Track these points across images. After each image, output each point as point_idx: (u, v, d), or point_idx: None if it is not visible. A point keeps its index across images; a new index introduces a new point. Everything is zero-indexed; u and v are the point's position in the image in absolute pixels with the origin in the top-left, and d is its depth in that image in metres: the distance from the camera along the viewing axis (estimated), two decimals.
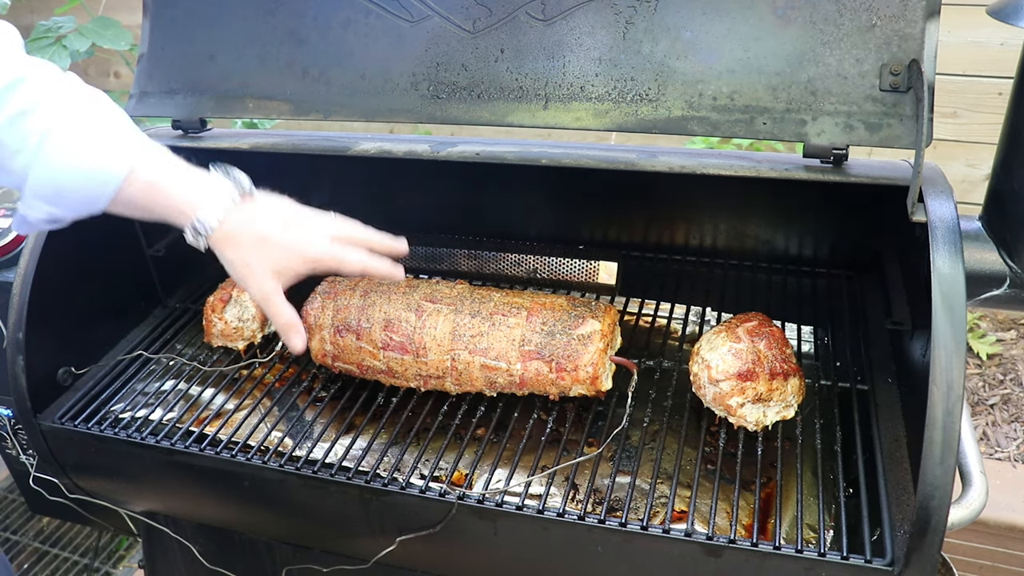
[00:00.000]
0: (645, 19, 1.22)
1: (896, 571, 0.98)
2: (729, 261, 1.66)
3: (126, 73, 3.31)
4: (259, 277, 1.07)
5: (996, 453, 2.28)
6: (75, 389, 1.45)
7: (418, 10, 1.32)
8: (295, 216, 1.12)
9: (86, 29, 2.43)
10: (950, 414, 0.92)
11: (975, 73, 2.43)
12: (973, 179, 2.58)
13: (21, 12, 3.18)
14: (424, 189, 1.76)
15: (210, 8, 1.43)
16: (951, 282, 0.97)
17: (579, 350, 1.26)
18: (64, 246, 1.38)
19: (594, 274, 1.64)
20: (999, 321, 2.73)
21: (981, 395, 2.47)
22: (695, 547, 1.06)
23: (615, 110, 1.24)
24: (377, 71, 1.35)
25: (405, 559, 1.25)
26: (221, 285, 1.56)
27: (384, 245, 1.17)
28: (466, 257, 1.72)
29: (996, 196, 1.21)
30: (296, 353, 1.14)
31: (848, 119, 1.15)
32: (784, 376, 1.21)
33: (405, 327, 1.34)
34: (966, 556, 2.10)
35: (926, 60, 1.11)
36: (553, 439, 1.31)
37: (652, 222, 1.73)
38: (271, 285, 1.08)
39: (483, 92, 1.30)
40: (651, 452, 1.29)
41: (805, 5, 1.15)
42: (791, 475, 1.22)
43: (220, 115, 1.46)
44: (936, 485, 0.92)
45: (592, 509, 1.17)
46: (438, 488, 1.17)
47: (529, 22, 1.27)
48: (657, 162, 1.24)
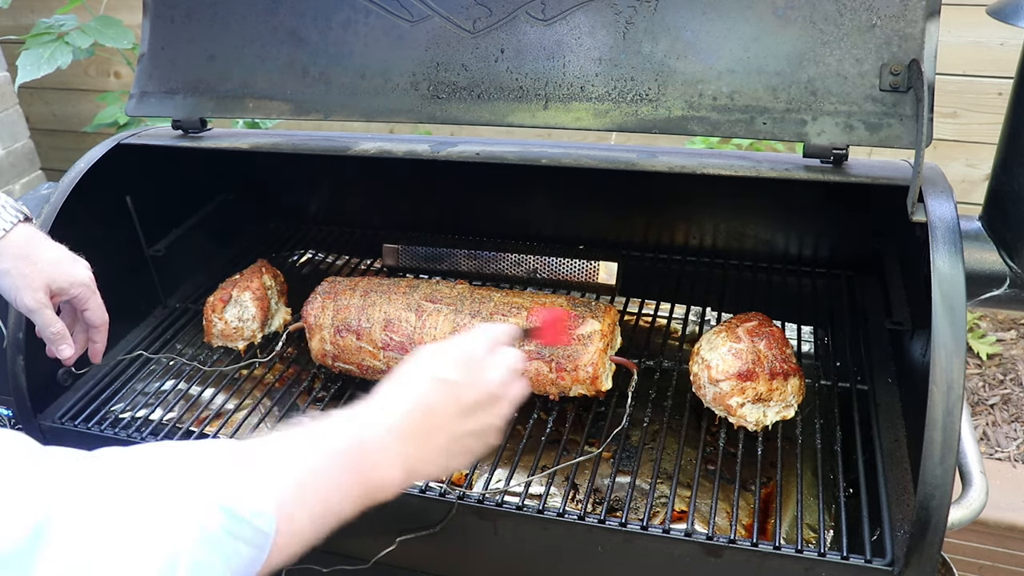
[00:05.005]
0: (645, 19, 1.22)
1: (896, 571, 0.98)
2: (729, 261, 1.66)
3: (126, 73, 3.31)
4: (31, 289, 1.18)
5: (996, 453, 2.27)
6: (75, 389, 1.45)
7: (418, 10, 1.32)
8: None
9: (88, 27, 2.43)
10: (950, 414, 0.92)
11: (975, 73, 2.43)
12: (973, 179, 2.58)
13: (21, 11, 3.18)
14: (424, 189, 1.76)
15: (210, 8, 1.43)
16: (951, 282, 0.97)
17: (579, 350, 1.26)
18: None
19: (594, 274, 1.64)
20: (999, 321, 2.73)
21: (981, 395, 2.47)
22: (695, 547, 1.06)
23: (615, 110, 1.24)
24: (377, 71, 1.35)
25: (405, 559, 1.25)
26: (221, 285, 1.56)
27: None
28: (466, 257, 1.71)
29: (996, 196, 1.21)
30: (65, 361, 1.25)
31: (848, 119, 1.15)
32: (784, 376, 1.21)
33: (405, 327, 1.34)
34: (966, 556, 2.10)
35: (926, 60, 1.11)
36: (553, 439, 1.31)
37: (652, 222, 1.73)
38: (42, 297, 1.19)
39: (483, 92, 1.30)
40: (651, 452, 1.29)
41: (805, 5, 1.15)
42: (791, 475, 1.22)
43: (220, 115, 1.46)
44: (936, 485, 0.92)
45: (592, 509, 1.17)
46: (438, 488, 1.17)
47: (529, 22, 1.27)
48: (657, 162, 1.24)
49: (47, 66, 2.34)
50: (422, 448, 0.87)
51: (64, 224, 1.37)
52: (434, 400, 0.89)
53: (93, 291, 1.25)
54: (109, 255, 1.54)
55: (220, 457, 0.74)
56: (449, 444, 0.89)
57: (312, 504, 0.77)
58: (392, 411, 0.86)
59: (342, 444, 0.82)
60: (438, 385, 0.89)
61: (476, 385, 0.91)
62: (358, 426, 0.84)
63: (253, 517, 0.70)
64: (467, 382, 0.91)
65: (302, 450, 0.79)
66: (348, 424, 0.84)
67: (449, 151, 1.33)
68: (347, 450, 0.81)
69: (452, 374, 0.90)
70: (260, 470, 0.74)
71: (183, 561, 0.63)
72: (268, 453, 0.77)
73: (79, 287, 1.22)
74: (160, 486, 0.68)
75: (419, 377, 0.90)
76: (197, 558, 0.64)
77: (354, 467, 0.81)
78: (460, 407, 0.90)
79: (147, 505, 0.65)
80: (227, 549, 0.67)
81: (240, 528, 0.68)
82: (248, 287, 1.53)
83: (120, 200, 1.54)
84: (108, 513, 0.63)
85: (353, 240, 1.93)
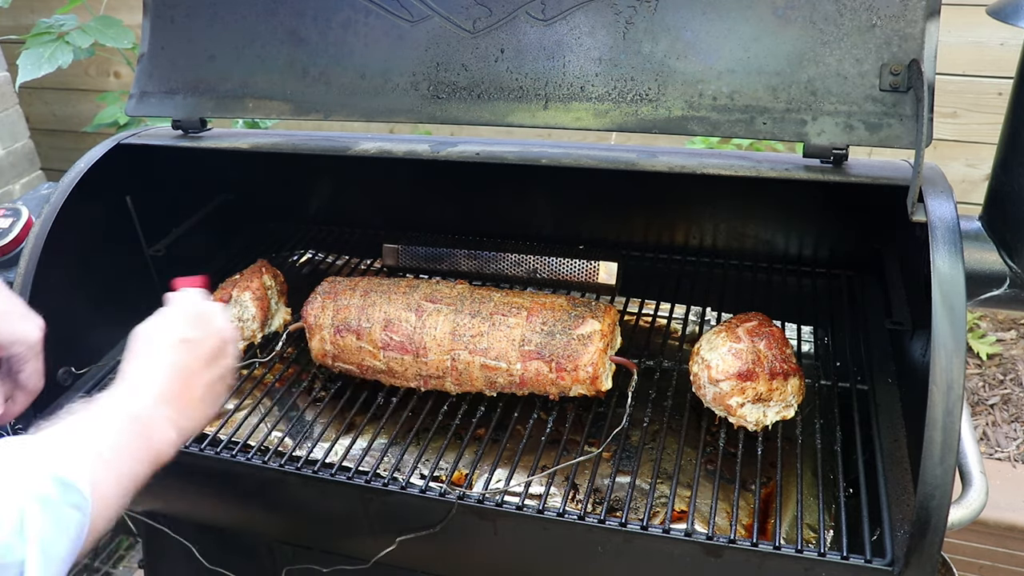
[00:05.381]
0: (645, 19, 1.22)
1: (896, 571, 0.98)
2: (729, 261, 1.66)
3: (126, 73, 3.31)
4: None
5: (996, 453, 2.28)
6: (75, 389, 1.45)
7: (418, 10, 1.32)
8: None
9: (88, 27, 2.43)
10: (950, 414, 0.92)
11: (975, 73, 2.43)
12: (973, 179, 2.58)
13: (21, 11, 3.18)
14: (424, 189, 1.76)
15: (210, 8, 1.42)
16: (951, 282, 0.97)
17: (579, 350, 1.26)
18: (64, 246, 1.38)
19: (594, 274, 1.64)
20: (999, 321, 2.73)
21: (981, 395, 2.47)
22: (695, 547, 1.06)
23: (615, 110, 1.24)
24: (377, 71, 1.35)
25: (405, 559, 1.25)
26: (221, 285, 1.56)
27: None
28: (466, 257, 1.71)
29: (996, 196, 1.21)
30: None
31: (848, 119, 1.15)
32: (784, 376, 1.21)
33: (405, 327, 1.34)
34: (966, 556, 2.10)
35: (926, 60, 1.11)
36: (553, 439, 1.31)
37: (652, 222, 1.73)
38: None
39: (483, 92, 1.30)
40: (651, 452, 1.29)
41: (805, 5, 1.15)
42: (791, 475, 1.22)
43: (220, 115, 1.45)
44: (936, 485, 0.92)
45: (592, 509, 1.17)
46: (438, 488, 1.17)
47: (529, 22, 1.27)
48: (657, 162, 1.24)
49: (47, 66, 2.34)
50: (185, 406, 0.99)
51: (64, 224, 1.37)
52: (184, 360, 1.02)
53: (36, 354, 1.16)
54: (109, 255, 1.54)
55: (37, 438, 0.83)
56: (204, 394, 1.03)
57: (115, 471, 0.87)
58: (153, 380, 0.98)
59: (123, 418, 0.92)
60: (182, 345, 1.03)
61: (212, 335, 1.07)
62: (130, 401, 0.95)
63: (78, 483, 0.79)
64: (204, 335, 1.06)
65: (93, 426, 0.89)
66: (121, 401, 0.95)
67: (449, 151, 1.33)
68: (129, 422, 0.92)
69: (191, 332, 1.05)
70: (69, 445, 0.84)
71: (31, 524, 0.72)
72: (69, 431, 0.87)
73: (20, 345, 1.14)
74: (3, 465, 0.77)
75: (163, 343, 1.02)
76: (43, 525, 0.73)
77: (138, 435, 0.92)
78: (205, 358, 1.04)
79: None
80: (64, 515, 0.76)
81: (70, 495, 0.77)
82: (248, 287, 1.53)
83: (120, 200, 1.54)
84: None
85: (353, 240, 1.93)
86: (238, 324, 1.51)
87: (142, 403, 0.95)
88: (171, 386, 0.99)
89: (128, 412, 0.93)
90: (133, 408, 0.94)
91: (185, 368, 1.01)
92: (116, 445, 0.89)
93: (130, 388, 0.97)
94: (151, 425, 0.94)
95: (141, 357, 1.02)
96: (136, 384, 0.98)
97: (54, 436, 0.86)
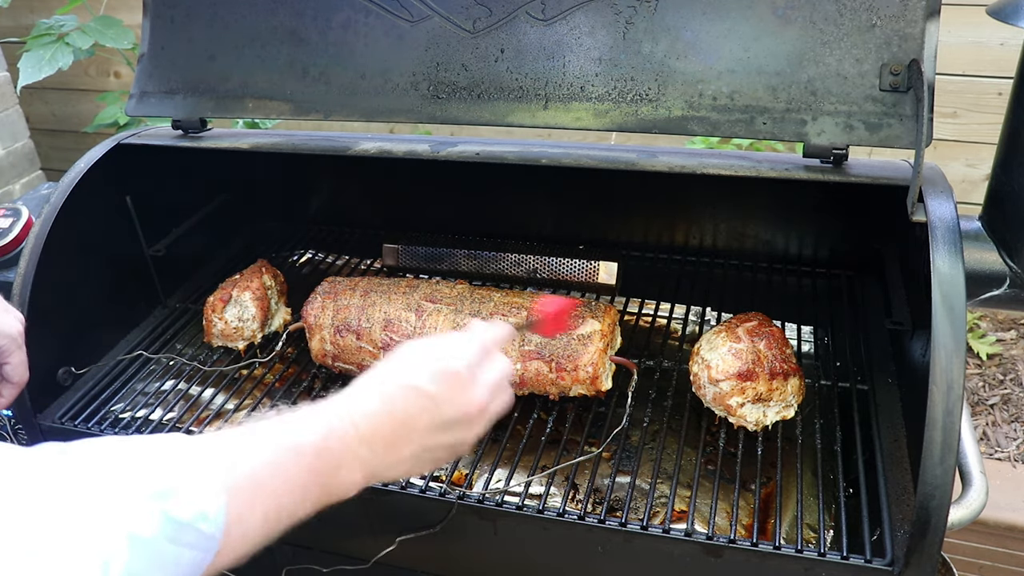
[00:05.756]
0: (645, 19, 1.22)
1: (896, 571, 0.98)
2: (729, 261, 1.66)
3: (126, 73, 3.31)
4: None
5: (996, 453, 2.27)
6: (75, 389, 1.45)
7: (418, 10, 1.32)
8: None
9: (88, 28, 2.43)
10: (950, 414, 0.92)
11: (975, 73, 2.43)
12: (973, 179, 2.58)
13: (21, 11, 3.18)
14: (424, 189, 1.76)
15: (210, 8, 1.42)
16: (951, 282, 0.97)
17: (579, 350, 1.26)
18: (64, 246, 1.38)
19: (594, 274, 1.64)
20: (999, 321, 2.73)
21: (981, 395, 2.47)
22: (695, 547, 1.06)
23: (615, 110, 1.24)
24: (377, 71, 1.35)
25: (405, 559, 1.25)
26: (221, 285, 1.56)
27: None
28: (466, 257, 1.71)
29: (996, 196, 1.21)
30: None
31: (848, 119, 1.15)
32: (784, 376, 1.21)
33: (405, 327, 1.34)
34: (966, 556, 2.10)
35: (926, 60, 1.11)
36: (553, 439, 1.31)
37: (652, 222, 1.73)
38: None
39: (483, 92, 1.30)
40: (651, 452, 1.29)
41: (805, 5, 1.15)
42: (791, 475, 1.22)
43: (220, 115, 1.45)
44: (936, 485, 0.92)
45: (592, 509, 1.17)
46: (438, 488, 1.17)
47: (529, 22, 1.27)
48: (657, 162, 1.24)
49: (48, 68, 2.34)
50: (388, 454, 0.85)
51: (64, 224, 1.37)
52: (408, 410, 0.86)
53: (19, 346, 1.18)
54: (109, 255, 1.54)
55: (168, 454, 0.70)
56: (417, 454, 0.87)
57: (266, 504, 0.74)
58: (362, 413, 0.83)
59: (304, 442, 0.78)
60: (415, 395, 0.86)
61: (455, 402, 0.88)
62: (324, 425, 0.81)
63: (197, 520, 0.66)
64: (446, 398, 0.87)
65: (260, 446, 0.76)
66: (313, 421, 0.81)
67: (449, 151, 1.33)
68: (309, 449, 0.78)
69: (432, 387, 0.86)
70: (211, 467, 0.71)
71: (115, 571, 0.59)
72: (223, 448, 0.74)
73: (3, 338, 1.16)
74: (97, 489, 0.63)
75: (397, 382, 0.87)
76: (132, 568, 0.60)
77: (314, 468, 0.78)
78: (435, 422, 0.87)
79: (81, 511, 0.61)
80: (166, 555, 0.64)
81: (181, 533, 0.65)
82: (248, 287, 1.53)
83: (120, 200, 1.54)
84: (37, 520, 0.59)
85: (353, 240, 1.93)
86: (238, 324, 1.51)
87: (337, 433, 0.81)
88: (380, 428, 0.84)
89: (315, 433, 0.80)
90: (324, 432, 0.80)
91: (408, 420, 0.86)
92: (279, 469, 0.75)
93: (334, 409, 0.83)
94: (336, 458, 0.80)
95: (372, 385, 0.87)
96: (342, 407, 0.84)
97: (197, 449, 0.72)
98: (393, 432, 0.85)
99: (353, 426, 0.82)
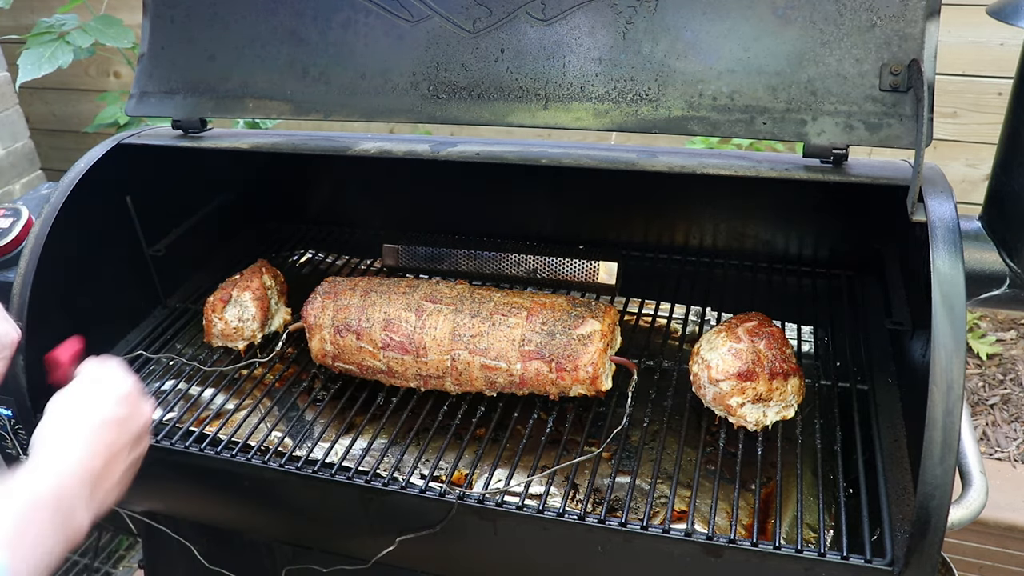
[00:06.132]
0: (645, 19, 1.22)
1: (896, 571, 0.98)
2: (729, 261, 1.66)
3: (126, 73, 3.31)
4: None
5: (996, 453, 2.28)
6: None
7: (418, 10, 1.32)
8: None
9: (89, 27, 2.44)
10: (950, 414, 0.92)
11: (975, 73, 2.43)
12: (973, 179, 2.58)
13: (21, 11, 3.18)
14: (424, 189, 1.76)
15: (210, 8, 1.43)
16: (951, 282, 0.97)
17: (579, 350, 1.26)
18: (64, 246, 1.38)
19: (594, 274, 1.64)
20: (999, 321, 2.73)
21: (981, 395, 2.47)
22: (695, 547, 1.06)
23: (615, 110, 1.24)
24: (377, 71, 1.35)
25: (405, 559, 1.25)
26: (221, 285, 1.56)
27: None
28: (466, 257, 1.71)
29: (996, 196, 1.21)
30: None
31: (848, 119, 1.15)
32: (784, 376, 1.21)
33: (405, 327, 1.34)
34: (966, 556, 2.10)
35: (926, 60, 1.11)
36: (553, 439, 1.31)
37: (652, 222, 1.73)
38: None
39: (483, 92, 1.30)
40: (651, 452, 1.29)
41: (805, 5, 1.15)
42: (791, 475, 1.22)
43: (220, 115, 1.46)
44: (936, 485, 0.92)
45: (592, 509, 1.17)
46: (438, 488, 1.17)
47: (529, 22, 1.27)
48: (657, 162, 1.24)
49: (48, 66, 2.34)
50: (106, 486, 0.96)
51: (64, 224, 1.37)
52: (110, 439, 0.98)
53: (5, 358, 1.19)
54: (109, 255, 1.54)
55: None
56: (123, 475, 1.00)
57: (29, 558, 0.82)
58: (77, 459, 0.93)
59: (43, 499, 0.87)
60: (110, 424, 0.99)
61: (137, 416, 1.04)
62: (53, 480, 0.89)
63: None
64: (131, 414, 1.03)
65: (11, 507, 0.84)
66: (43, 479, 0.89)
67: (449, 151, 1.33)
68: (48, 503, 0.87)
69: (120, 410, 1.01)
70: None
71: None
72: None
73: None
74: None
75: (90, 419, 0.98)
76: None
77: (55, 520, 0.87)
78: (129, 439, 1.01)
79: None
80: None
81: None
82: (248, 287, 1.53)
83: (120, 200, 1.54)
84: None
85: (353, 240, 1.93)
86: (238, 324, 1.51)
87: (67, 483, 0.90)
88: (96, 466, 0.95)
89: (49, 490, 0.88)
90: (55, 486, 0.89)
91: (111, 448, 0.98)
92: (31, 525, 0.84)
93: (53, 467, 0.92)
94: (71, 504, 0.89)
95: (67, 433, 0.97)
96: (60, 462, 0.93)
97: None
98: (106, 464, 0.96)
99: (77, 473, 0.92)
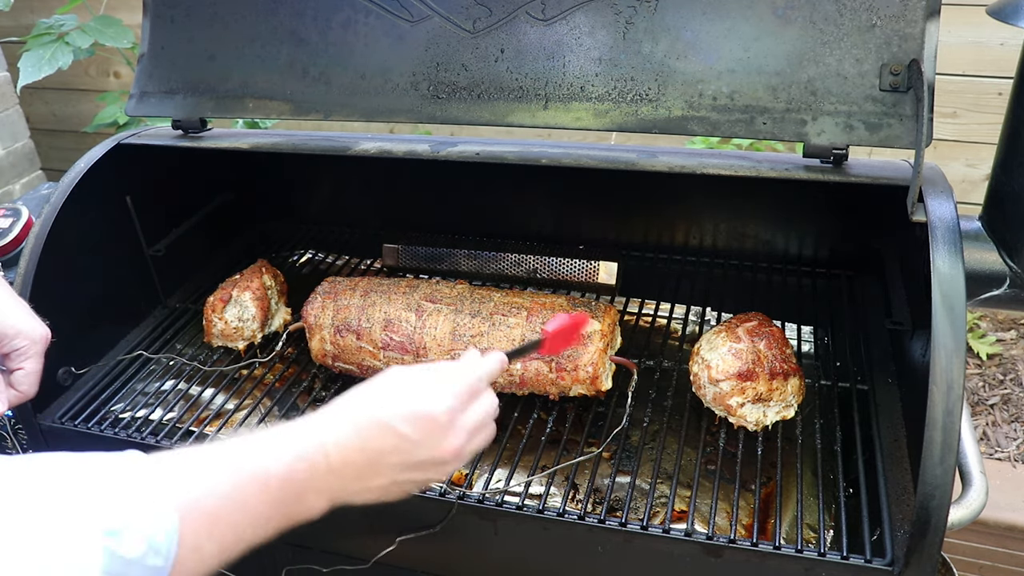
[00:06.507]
0: (645, 19, 1.22)
1: (896, 571, 0.98)
2: (729, 261, 1.66)
3: (126, 73, 3.31)
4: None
5: (996, 453, 2.27)
6: (75, 389, 1.45)
7: (418, 10, 1.32)
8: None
9: (88, 27, 2.43)
10: (950, 414, 0.92)
11: (975, 73, 2.43)
12: (973, 179, 2.58)
13: (21, 11, 3.17)
14: (424, 189, 1.76)
15: (210, 8, 1.42)
16: (951, 282, 0.97)
17: (579, 350, 1.26)
18: (64, 246, 1.38)
19: (594, 274, 1.64)
20: (999, 321, 2.73)
21: (981, 395, 2.47)
22: (695, 547, 1.06)
23: (615, 110, 1.24)
24: (377, 71, 1.35)
25: (405, 559, 1.25)
26: (221, 285, 1.56)
27: None
28: (466, 257, 1.71)
29: (996, 196, 1.21)
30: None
31: (848, 119, 1.15)
32: (784, 376, 1.21)
33: (405, 327, 1.34)
34: (966, 556, 2.10)
35: (926, 60, 1.11)
36: (553, 439, 1.31)
37: (652, 222, 1.73)
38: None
39: (483, 92, 1.30)
40: (651, 452, 1.29)
41: (805, 5, 1.15)
42: (791, 475, 1.22)
43: (220, 115, 1.45)
44: (936, 485, 0.92)
45: (592, 509, 1.17)
46: (438, 488, 1.17)
47: (529, 22, 1.27)
48: (657, 162, 1.24)
49: (48, 67, 2.34)
50: (354, 484, 0.85)
51: (64, 224, 1.37)
52: (381, 447, 0.85)
53: (37, 354, 1.09)
54: (109, 255, 1.54)
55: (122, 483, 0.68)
56: (385, 487, 0.87)
57: (223, 534, 0.73)
58: (334, 442, 0.82)
59: (270, 471, 0.77)
60: (390, 434, 0.85)
61: (428, 446, 0.87)
62: (292, 453, 0.79)
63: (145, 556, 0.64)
64: (419, 441, 0.86)
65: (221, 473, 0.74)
66: (282, 447, 0.79)
67: (449, 151, 1.33)
68: (274, 479, 0.77)
69: (407, 428, 0.85)
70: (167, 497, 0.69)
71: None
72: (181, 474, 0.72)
73: (24, 339, 1.08)
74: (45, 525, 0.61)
75: (372, 417, 0.85)
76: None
77: (276, 498, 0.77)
78: (406, 462, 0.86)
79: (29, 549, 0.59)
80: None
81: (127, 569, 0.63)
82: (248, 287, 1.53)
83: (120, 200, 1.54)
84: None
85: (353, 240, 1.93)
86: (238, 324, 1.51)
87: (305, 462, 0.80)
88: (350, 459, 0.83)
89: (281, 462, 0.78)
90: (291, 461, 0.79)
91: (379, 457, 0.85)
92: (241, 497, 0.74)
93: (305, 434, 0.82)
94: (301, 487, 0.80)
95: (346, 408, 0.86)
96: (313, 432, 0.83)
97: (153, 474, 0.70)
98: (364, 465, 0.84)
99: (324, 456, 0.81)
